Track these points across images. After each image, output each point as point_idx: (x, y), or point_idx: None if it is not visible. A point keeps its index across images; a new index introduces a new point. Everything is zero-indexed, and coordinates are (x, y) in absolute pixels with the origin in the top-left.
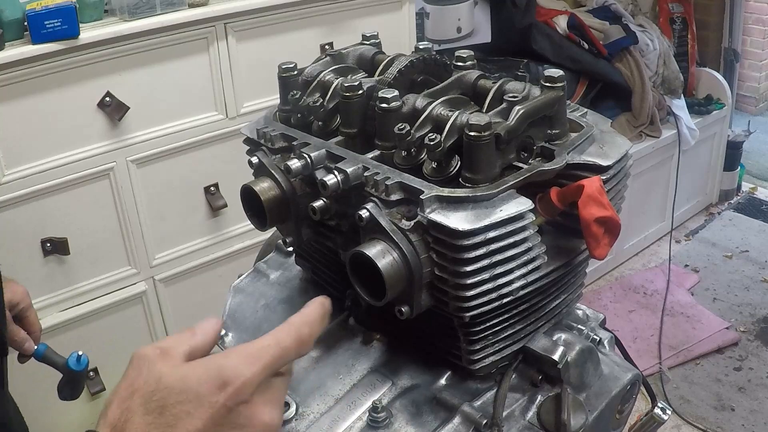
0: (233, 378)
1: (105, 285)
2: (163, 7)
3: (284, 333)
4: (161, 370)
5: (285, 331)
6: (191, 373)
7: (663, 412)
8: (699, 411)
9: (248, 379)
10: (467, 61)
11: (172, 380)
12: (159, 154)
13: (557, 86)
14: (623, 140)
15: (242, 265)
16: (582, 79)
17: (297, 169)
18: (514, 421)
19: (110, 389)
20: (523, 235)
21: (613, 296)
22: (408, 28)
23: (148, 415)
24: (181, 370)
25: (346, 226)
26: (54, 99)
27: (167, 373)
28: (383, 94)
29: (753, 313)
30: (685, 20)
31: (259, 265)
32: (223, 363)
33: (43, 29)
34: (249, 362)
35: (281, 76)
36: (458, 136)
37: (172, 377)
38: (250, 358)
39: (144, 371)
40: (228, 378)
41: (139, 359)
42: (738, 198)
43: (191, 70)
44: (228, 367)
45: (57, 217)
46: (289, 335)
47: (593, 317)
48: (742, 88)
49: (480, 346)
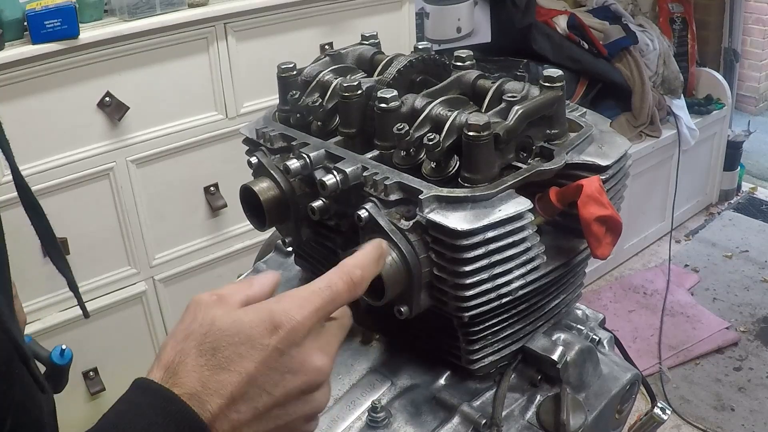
0: (284, 321)
1: (105, 285)
2: (163, 7)
3: (336, 276)
4: (215, 314)
5: (337, 275)
6: (243, 317)
7: (663, 412)
8: (699, 411)
9: (299, 323)
10: (466, 61)
11: (225, 323)
12: (159, 154)
13: (556, 86)
14: (622, 140)
15: (242, 265)
16: (582, 79)
17: (296, 169)
18: (513, 421)
19: (110, 389)
20: (522, 235)
21: (613, 296)
22: (408, 28)
23: (200, 356)
24: (234, 314)
25: (345, 226)
26: (54, 99)
27: (220, 316)
28: (382, 94)
29: (753, 313)
30: (685, 20)
31: (259, 265)
32: (274, 307)
33: (43, 29)
34: (300, 305)
35: (281, 76)
36: (457, 136)
37: (225, 320)
38: (302, 301)
39: (199, 315)
40: (279, 321)
41: (196, 304)
42: (738, 198)
43: (191, 70)
44: (279, 311)
45: (57, 217)
46: (341, 278)
47: (593, 317)
48: (742, 88)
49: (479, 346)
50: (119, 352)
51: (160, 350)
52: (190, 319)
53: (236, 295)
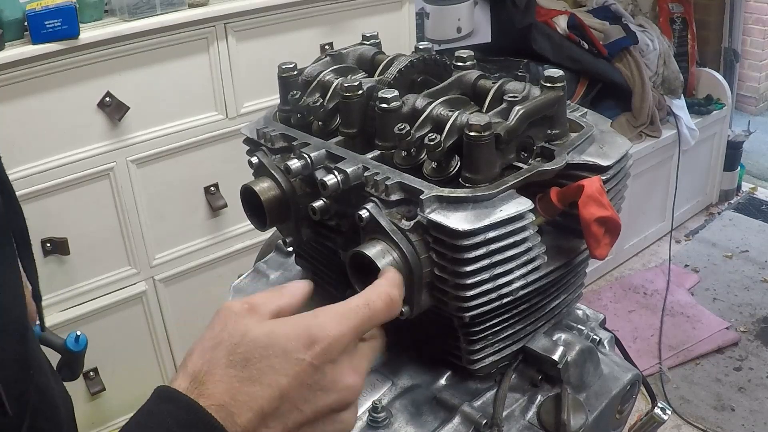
0: (321, 337)
1: (105, 285)
2: (163, 7)
3: (375, 294)
4: (247, 324)
5: (375, 293)
6: (278, 329)
7: (663, 412)
8: (699, 411)
9: (336, 339)
10: (467, 61)
11: (258, 334)
12: (159, 154)
13: (557, 86)
14: (623, 140)
15: (242, 265)
16: (582, 79)
17: (297, 169)
18: (514, 421)
19: (110, 389)
20: (523, 235)
21: (613, 296)
22: (408, 28)
23: (231, 368)
24: (267, 325)
25: (346, 226)
26: (54, 99)
27: (253, 327)
28: (383, 94)
29: (753, 313)
30: (685, 20)
31: (259, 266)
32: (311, 321)
33: (43, 29)
34: (338, 322)
35: (281, 76)
36: (458, 136)
37: (258, 331)
38: (340, 317)
39: (229, 324)
40: (316, 336)
41: (226, 312)
42: (738, 198)
43: (191, 70)
44: (316, 326)
45: (57, 217)
46: (379, 297)
47: (593, 317)
48: (742, 88)
49: (480, 346)
50: (119, 352)
51: (185, 357)
52: (220, 327)
53: (268, 305)
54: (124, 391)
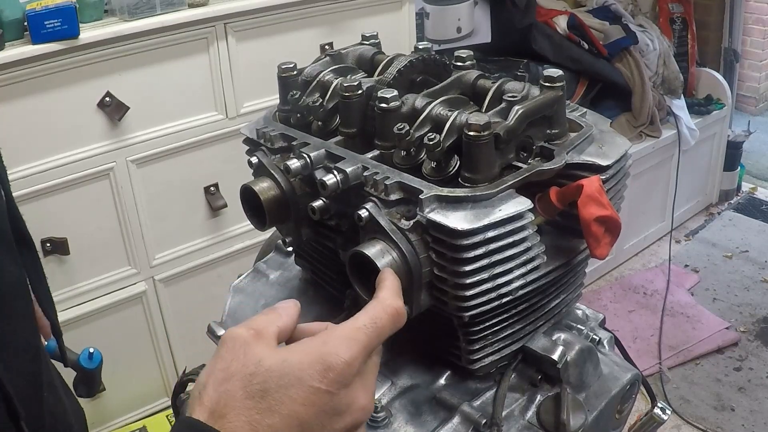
0: (335, 363)
1: (105, 285)
2: (163, 7)
3: (378, 310)
4: (260, 353)
5: (379, 309)
6: (291, 357)
7: (663, 412)
8: (699, 411)
9: (349, 364)
10: (467, 61)
11: (273, 363)
12: (159, 154)
13: (556, 86)
14: (623, 140)
15: (242, 265)
16: (582, 79)
17: (296, 169)
18: (513, 421)
19: (110, 389)
20: (523, 235)
21: (613, 296)
22: (408, 28)
23: (249, 399)
24: (280, 354)
25: (345, 225)
26: (54, 99)
27: (267, 355)
28: (383, 94)
29: (753, 313)
30: (685, 20)
31: (259, 265)
32: (323, 349)
33: (43, 29)
34: (348, 346)
35: (281, 76)
36: (457, 136)
37: (272, 361)
38: (349, 341)
39: (240, 354)
40: (330, 364)
41: (233, 341)
42: (738, 198)
43: (191, 70)
44: (328, 353)
45: (57, 217)
46: (385, 311)
47: (593, 317)
48: (742, 88)
49: (479, 346)
50: (119, 352)
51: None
52: (230, 356)
53: (270, 328)
54: (124, 391)
